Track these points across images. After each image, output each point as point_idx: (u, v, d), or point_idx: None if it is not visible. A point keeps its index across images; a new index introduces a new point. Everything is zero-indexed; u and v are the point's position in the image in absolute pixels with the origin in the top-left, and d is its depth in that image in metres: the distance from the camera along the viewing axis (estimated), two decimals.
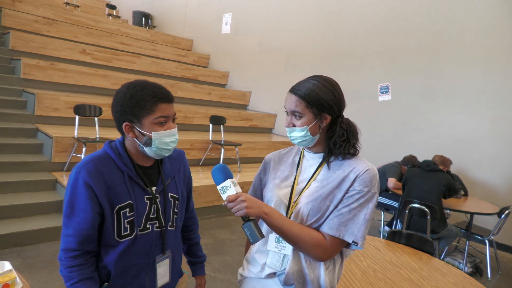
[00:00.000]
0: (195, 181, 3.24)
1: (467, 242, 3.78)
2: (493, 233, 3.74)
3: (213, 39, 9.27)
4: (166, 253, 1.28)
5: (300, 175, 1.21)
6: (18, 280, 1.33)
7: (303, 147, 1.24)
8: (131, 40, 8.09)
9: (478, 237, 3.82)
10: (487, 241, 3.76)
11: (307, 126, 1.12)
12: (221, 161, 5.39)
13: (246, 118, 7.22)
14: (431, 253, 2.21)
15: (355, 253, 1.99)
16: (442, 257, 3.86)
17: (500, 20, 4.72)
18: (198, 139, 5.45)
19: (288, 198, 1.18)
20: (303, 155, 1.24)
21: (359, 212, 1.08)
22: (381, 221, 4.50)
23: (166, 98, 1.15)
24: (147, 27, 10.62)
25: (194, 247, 1.52)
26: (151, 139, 1.14)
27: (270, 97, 7.81)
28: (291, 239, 1.08)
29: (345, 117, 1.18)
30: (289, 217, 1.14)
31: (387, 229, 4.00)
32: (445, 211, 3.68)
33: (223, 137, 5.74)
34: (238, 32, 8.60)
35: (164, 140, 1.16)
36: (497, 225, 3.69)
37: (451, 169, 4.05)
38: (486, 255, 3.82)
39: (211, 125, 5.61)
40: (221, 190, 1.07)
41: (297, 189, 1.18)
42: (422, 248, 2.26)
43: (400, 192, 3.90)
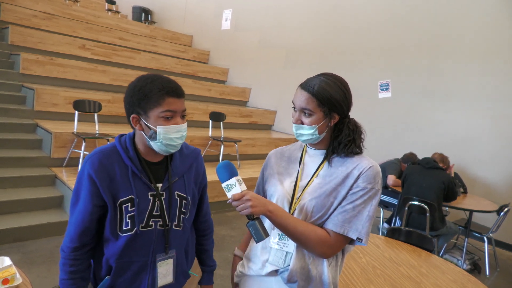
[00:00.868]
0: None
1: (466, 239, 3.79)
2: (492, 230, 3.75)
3: (213, 35, 9.24)
4: (169, 252, 1.24)
5: (303, 171, 1.21)
6: (17, 275, 1.34)
7: (306, 143, 1.24)
8: (131, 35, 8.07)
9: (477, 235, 3.83)
10: (485, 239, 3.78)
11: (316, 125, 1.11)
12: (221, 157, 5.39)
13: (245, 114, 7.21)
14: (430, 250, 2.22)
15: (355, 249, 1.99)
16: (441, 254, 3.87)
17: (500, 19, 4.71)
18: (197, 135, 5.45)
19: (291, 193, 1.18)
20: (306, 151, 1.24)
21: (363, 208, 1.08)
22: (380, 218, 4.50)
23: (174, 92, 1.13)
24: (146, 23, 10.58)
25: (204, 254, 1.45)
26: (156, 133, 1.12)
27: (270, 94, 7.77)
28: (296, 236, 1.08)
29: (351, 117, 1.18)
30: (293, 213, 1.14)
31: (386, 226, 4.01)
32: (444, 208, 3.68)
33: (222, 133, 5.73)
34: (238, 28, 8.58)
35: (169, 135, 1.12)
36: (496, 223, 3.70)
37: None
38: (484, 252, 3.83)
39: (210, 122, 5.60)
40: (226, 188, 1.06)
41: (300, 185, 1.18)
42: (421, 245, 2.27)
43: (399, 189, 3.90)
